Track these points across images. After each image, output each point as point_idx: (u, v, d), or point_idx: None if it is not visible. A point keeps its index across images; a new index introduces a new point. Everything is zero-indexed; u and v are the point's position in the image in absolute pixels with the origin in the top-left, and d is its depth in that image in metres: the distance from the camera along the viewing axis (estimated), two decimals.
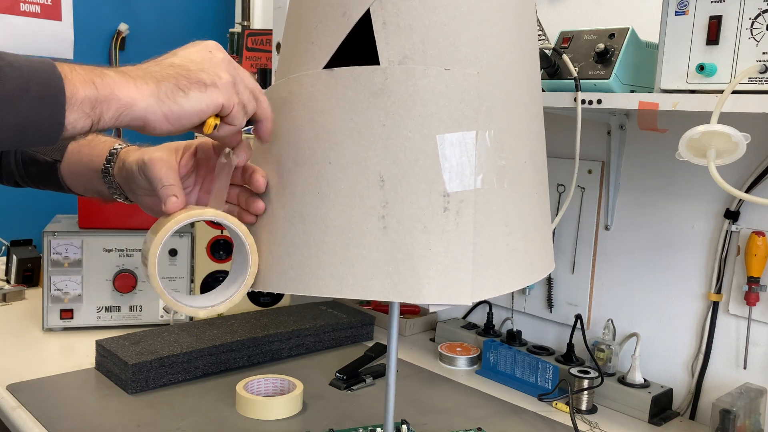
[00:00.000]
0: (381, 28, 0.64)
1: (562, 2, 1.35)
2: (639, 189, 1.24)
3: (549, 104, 1.06)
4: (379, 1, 0.64)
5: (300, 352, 1.32)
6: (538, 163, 0.73)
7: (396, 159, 0.63)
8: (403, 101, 0.63)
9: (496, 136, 0.66)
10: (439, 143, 0.63)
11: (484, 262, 0.65)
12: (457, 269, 0.64)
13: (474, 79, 0.64)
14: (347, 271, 0.64)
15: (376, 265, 0.63)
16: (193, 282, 1.47)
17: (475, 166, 0.65)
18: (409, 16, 0.64)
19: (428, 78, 0.63)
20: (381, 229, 0.63)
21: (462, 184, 0.64)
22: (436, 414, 1.09)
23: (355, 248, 0.64)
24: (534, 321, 1.41)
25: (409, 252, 0.63)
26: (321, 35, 0.67)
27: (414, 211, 0.63)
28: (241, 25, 2.06)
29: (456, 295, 0.64)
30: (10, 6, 1.89)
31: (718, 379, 1.14)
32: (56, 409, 1.03)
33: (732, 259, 1.12)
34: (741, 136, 0.84)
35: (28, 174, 0.90)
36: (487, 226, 0.65)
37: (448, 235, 0.64)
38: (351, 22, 0.65)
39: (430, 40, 0.64)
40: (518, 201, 0.68)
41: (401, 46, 0.64)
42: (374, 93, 0.64)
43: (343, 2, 0.66)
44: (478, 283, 0.65)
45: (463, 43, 0.64)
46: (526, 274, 0.69)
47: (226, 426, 1.01)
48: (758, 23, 0.86)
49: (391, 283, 0.63)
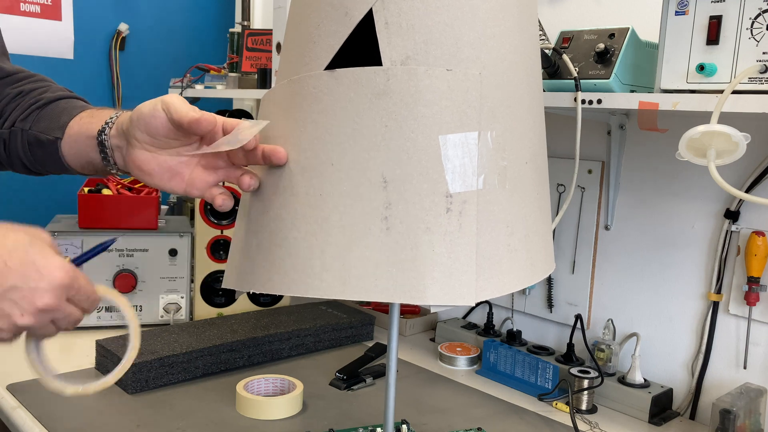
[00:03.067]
0: (383, 28, 0.64)
1: (562, 2, 1.35)
2: (639, 189, 1.24)
3: (549, 104, 1.06)
4: (381, 1, 0.64)
5: (300, 352, 1.32)
6: (540, 164, 0.73)
7: (399, 160, 0.63)
8: (406, 102, 0.63)
9: (498, 136, 0.66)
10: (442, 144, 0.63)
11: (487, 262, 0.65)
12: (461, 270, 0.64)
13: (476, 80, 0.64)
14: (350, 273, 0.64)
15: (379, 267, 0.63)
16: (193, 282, 1.47)
17: (478, 167, 0.65)
18: (412, 16, 0.64)
19: (431, 78, 0.63)
20: (384, 230, 0.63)
21: (464, 184, 0.64)
22: (436, 414, 1.09)
23: (358, 250, 0.64)
24: (534, 321, 1.41)
25: (413, 253, 0.63)
26: (323, 35, 0.67)
27: (417, 211, 0.63)
28: (241, 25, 2.06)
29: (460, 295, 0.64)
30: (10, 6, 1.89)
31: (718, 379, 1.14)
32: (56, 409, 1.03)
33: (732, 259, 1.12)
34: (741, 136, 0.84)
35: (35, 158, 0.88)
36: (489, 226, 0.65)
37: (451, 236, 0.64)
38: (353, 22, 0.65)
39: (432, 40, 0.64)
40: (520, 201, 0.68)
41: (403, 46, 0.64)
42: (376, 94, 0.64)
43: (345, 2, 0.65)
44: (481, 284, 0.65)
45: (465, 43, 0.64)
46: (527, 275, 0.69)
47: (226, 426, 1.01)
48: (758, 23, 0.86)
49: (395, 285, 0.63)
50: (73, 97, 0.90)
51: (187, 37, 2.33)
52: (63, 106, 0.87)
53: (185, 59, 2.22)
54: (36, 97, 0.88)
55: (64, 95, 0.89)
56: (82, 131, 0.82)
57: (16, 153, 0.88)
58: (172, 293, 1.43)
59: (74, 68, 2.09)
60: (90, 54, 2.12)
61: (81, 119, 0.84)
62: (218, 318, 1.38)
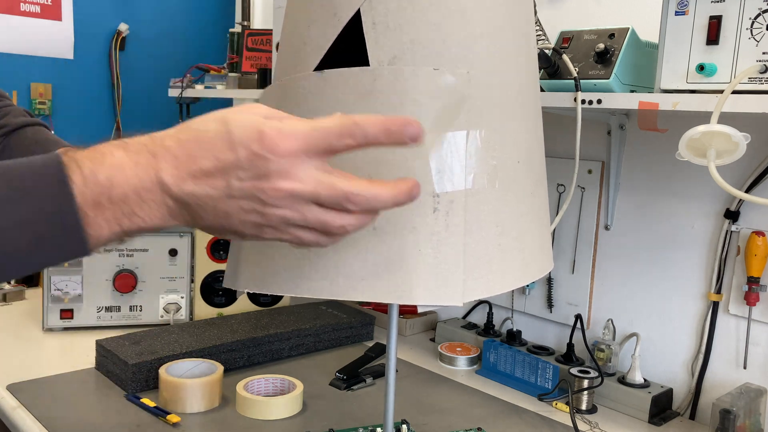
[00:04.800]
0: (371, 28, 0.64)
1: (562, 2, 1.35)
2: (639, 189, 1.24)
3: (549, 104, 1.06)
4: (369, 2, 0.64)
5: (300, 352, 1.32)
6: (535, 163, 0.72)
7: (384, 160, 0.63)
8: (392, 102, 0.63)
9: (487, 135, 0.65)
10: (428, 143, 0.63)
11: (475, 262, 0.65)
12: (448, 270, 0.64)
13: (464, 79, 0.64)
14: (338, 273, 0.64)
15: (365, 267, 0.63)
16: (193, 282, 1.47)
17: (465, 167, 0.64)
18: (399, 16, 0.63)
19: (417, 78, 0.63)
20: (371, 230, 0.63)
21: (452, 184, 0.64)
22: (436, 414, 1.09)
23: (346, 250, 0.64)
24: (534, 321, 1.41)
25: (399, 253, 0.63)
26: (313, 36, 0.67)
27: (403, 211, 0.63)
28: (241, 25, 2.06)
29: (447, 295, 0.63)
30: (10, 6, 1.89)
31: (718, 379, 1.14)
32: (56, 409, 1.03)
33: (732, 259, 1.12)
34: (741, 136, 0.84)
35: None
36: (478, 226, 0.65)
37: (438, 235, 0.63)
38: (342, 22, 0.65)
39: (419, 39, 0.63)
40: (511, 201, 0.68)
41: (391, 46, 0.64)
42: (363, 94, 0.64)
43: (334, 3, 0.65)
44: (469, 284, 0.64)
45: (453, 42, 0.64)
46: (519, 275, 0.69)
47: (226, 426, 1.01)
48: (758, 23, 0.86)
49: (382, 285, 0.63)
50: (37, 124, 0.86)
51: (187, 37, 2.33)
52: (31, 137, 0.83)
53: (185, 59, 2.22)
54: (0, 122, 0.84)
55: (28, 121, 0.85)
56: None
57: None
58: (172, 293, 1.43)
59: (74, 68, 2.10)
60: (90, 54, 2.13)
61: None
62: (218, 318, 1.38)
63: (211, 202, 0.51)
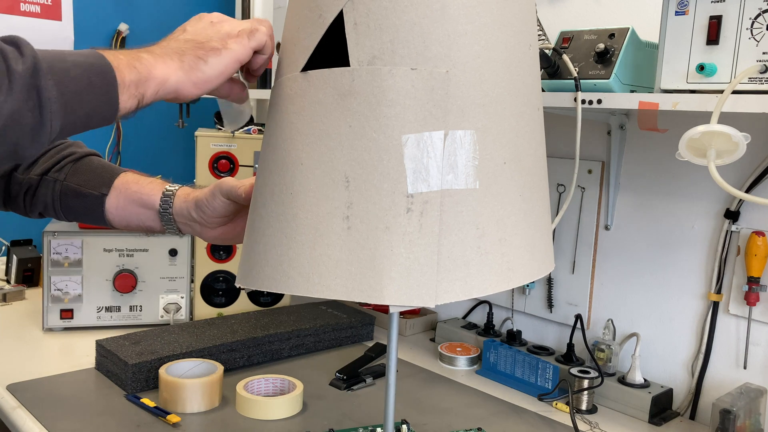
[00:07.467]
0: (352, 29, 0.64)
1: (562, 2, 1.35)
2: (639, 189, 1.24)
3: (549, 104, 1.06)
4: (351, 2, 0.64)
5: (300, 352, 1.32)
6: (527, 164, 0.71)
7: (360, 159, 0.63)
8: (369, 102, 0.63)
9: (467, 135, 0.65)
10: (404, 143, 0.63)
11: (451, 264, 0.64)
12: (420, 271, 0.63)
13: (442, 78, 0.63)
14: (313, 271, 0.64)
15: (339, 265, 0.64)
16: (193, 282, 1.47)
17: (442, 167, 0.64)
18: (380, 16, 0.63)
19: (393, 78, 0.63)
20: (345, 229, 0.64)
21: (427, 185, 0.63)
22: (436, 414, 1.09)
23: (321, 248, 0.64)
24: (534, 321, 1.41)
25: (372, 252, 0.63)
26: (301, 38, 0.68)
27: (377, 211, 0.63)
28: None
29: (419, 296, 0.63)
30: (10, 6, 1.89)
31: (718, 379, 1.14)
32: (56, 409, 1.03)
33: (732, 259, 1.12)
34: (741, 136, 0.84)
35: (65, 206, 0.94)
36: (455, 227, 0.64)
37: (410, 236, 0.63)
38: (326, 23, 0.65)
39: (399, 39, 0.63)
40: (494, 203, 0.67)
41: (371, 46, 0.64)
42: (342, 94, 0.64)
43: (319, 4, 0.66)
44: (444, 286, 0.64)
45: (433, 41, 0.63)
46: (501, 279, 0.67)
47: (226, 426, 1.01)
48: (758, 23, 0.86)
49: (354, 283, 0.63)
50: (96, 154, 1.01)
51: None
52: (98, 163, 0.97)
53: None
54: (68, 150, 0.97)
55: (92, 152, 1.00)
56: (132, 198, 0.93)
57: (42, 199, 0.95)
58: (172, 293, 1.43)
59: None
60: None
61: (126, 184, 0.94)
62: (218, 318, 1.38)
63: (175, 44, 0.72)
